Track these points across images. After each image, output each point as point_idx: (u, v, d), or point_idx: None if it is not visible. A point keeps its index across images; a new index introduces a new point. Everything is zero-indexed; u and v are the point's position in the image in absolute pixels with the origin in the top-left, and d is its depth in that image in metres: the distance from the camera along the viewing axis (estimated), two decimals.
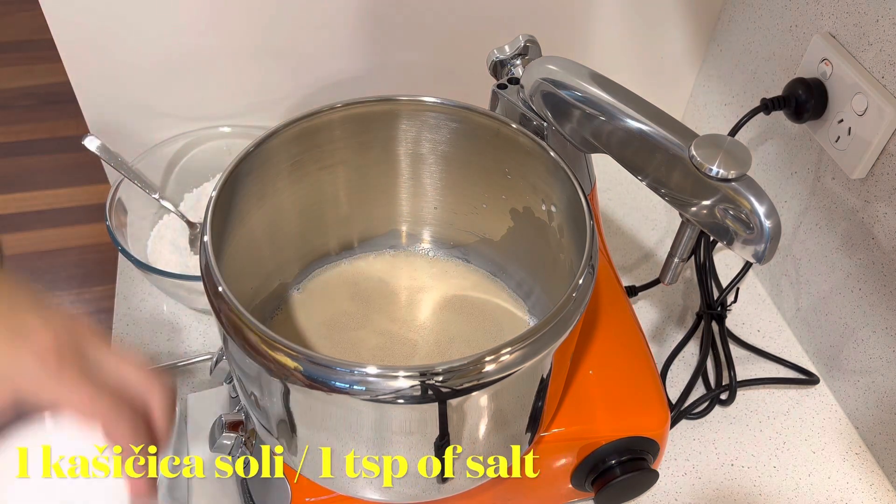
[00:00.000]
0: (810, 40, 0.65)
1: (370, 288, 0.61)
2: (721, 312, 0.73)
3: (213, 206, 0.47)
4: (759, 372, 0.72)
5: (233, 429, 0.54)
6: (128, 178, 0.72)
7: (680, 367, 0.72)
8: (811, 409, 0.70)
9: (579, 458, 0.55)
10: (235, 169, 0.49)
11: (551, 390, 0.49)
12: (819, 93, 0.64)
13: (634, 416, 0.56)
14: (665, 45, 0.85)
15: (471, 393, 0.41)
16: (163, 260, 0.72)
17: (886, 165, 0.60)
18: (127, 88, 0.75)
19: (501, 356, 0.41)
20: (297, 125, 0.53)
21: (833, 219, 0.67)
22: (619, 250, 0.82)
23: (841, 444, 0.67)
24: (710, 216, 0.43)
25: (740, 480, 0.64)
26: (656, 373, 0.59)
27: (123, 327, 0.71)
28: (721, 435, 0.67)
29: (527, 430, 0.49)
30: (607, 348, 0.58)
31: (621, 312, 0.61)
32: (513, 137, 0.52)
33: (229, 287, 0.42)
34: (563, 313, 0.43)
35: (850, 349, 0.67)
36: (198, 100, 0.78)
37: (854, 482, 0.64)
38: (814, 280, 0.71)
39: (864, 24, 0.60)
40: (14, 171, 1.84)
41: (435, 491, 0.48)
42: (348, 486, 0.48)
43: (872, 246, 0.62)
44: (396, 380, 0.39)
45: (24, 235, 1.72)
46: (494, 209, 0.59)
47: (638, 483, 0.57)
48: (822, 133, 0.65)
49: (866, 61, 0.60)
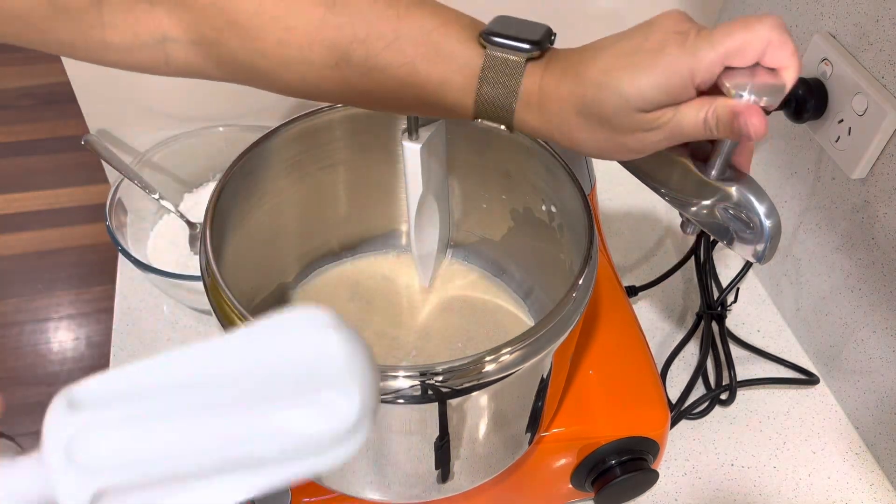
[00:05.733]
0: (810, 40, 0.65)
1: (370, 288, 0.61)
2: (721, 312, 0.73)
3: (213, 206, 0.47)
4: (759, 372, 0.72)
5: None
6: (128, 178, 0.72)
7: (680, 367, 0.72)
8: (811, 410, 0.70)
9: (579, 458, 0.55)
10: (235, 169, 0.49)
11: (551, 390, 0.49)
12: (819, 93, 0.64)
13: (634, 416, 0.56)
14: None
15: (471, 393, 0.41)
16: (163, 260, 0.72)
17: (886, 165, 0.60)
18: (127, 88, 0.75)
19: (501, 356, 0.41)
20: (297, 125, 0.53)
21: (833, 219, 0.67)
22: (619, 250, 0.82)
23: (841, 444, 0.67)
24: (710, 216, 0.43)
25: (740, 480, 0.64)
26: (656, 373, 0.59)
27: (123, 327, 0.71)
28: (721, 435, 0.67)
29: (527, 430, 0.49)
30: (607, 348, 0.58)
31: (621, 312, 0.61)
32: (513, 137, 0.52)
33: (229, 287, 0.42)
34: (563, 313, 0.43)
35: (850, 349, 0.67)
36: (198, 100, 0.78)
37: (854, 482, 0.64)
38: (814, 280, 0.71)
39: (864, 23, 0.60)
40: (14, 171, 1.84)
41: (435, 491, 0.48)
42: (348, 485, 0.48)
43: (872, 246, 0.62)
44: (396, 380, 0.39)
45: (24, 235, 1.72)
46: (494, 209, 0.59)
47: (638, 483, 0.57)
48: (823, 133, 0.65)
49: (866, 61, 0.60)
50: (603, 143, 0.39)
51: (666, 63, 0.36)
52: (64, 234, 1.72)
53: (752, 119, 0.35)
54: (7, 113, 1.97)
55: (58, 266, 1.66)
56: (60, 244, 1.70)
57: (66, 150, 1.86)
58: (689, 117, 0.37)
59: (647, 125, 0.38)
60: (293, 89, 0.43)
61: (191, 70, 0.43)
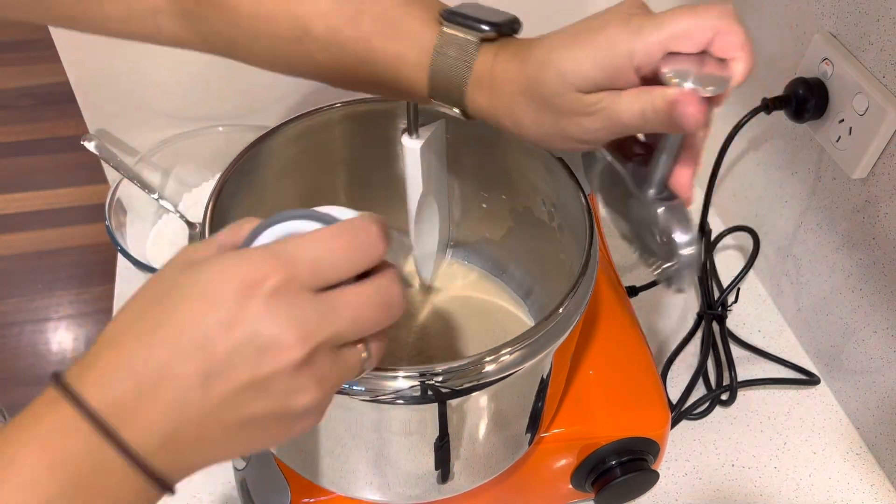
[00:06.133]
0: (811, 40, 0.65)
1: None
2: (722, 313, 0.73)
3: (212, 205, 0.47)
4: (759, 372, 0.72)
5: None
6: (127, 178, 0.72)
7: (680, 368, 0.72)
8: (812, 410, 0.69)
9: (579, 458, 0.55)
10: (235, 168, 0.49)
11: (551, 390, 0.49)
12: (820, 92, 0.64)
13: (635, 416, 0.55)
14: None
15: (471, 393, 0.40)
16: (162, 260, 0.72)
17: (887, 165, 0.59)
18: (127, 88, 0.75)
19: (501, 356, 0.40)
20: (297, 125, 0.53)
21: (834, 219, 0.67)
22: (620, 250, 0.82)
23: (842, 444, 0.67)
24: (638, 235, 0.43)
25: (741, 481, 0.64)
26: (656, 373, 0.58)
27: None
28: (721, 435, 0.67)
29: (527, 430, 0.49)
30: (607, 348, 0.58)
31: (621, 312, 0.61)
32: (513, 138, 0.52)
33: None
34: (563, 313, 0.43)
35: (850, 349, 0.67)
36: (198, 100, 0.78)
37: (855, 483, 0.64)
38: (814, 280, 0.71)
39: (864, 23, 0.60)
40: (14, 172, 1.84)
41: (435, 491, 0.48)
42: (348, 486, 0.48)
43: (873, 246, 0.62)
44: (396, 380, 0.39)
45: (23, 235, 1.71)
46: (494, 209, 0.59)
47: (638, 484, 0.57)
48: (823, 133, 0.65)
49: (867, 61, 0.60)
50: (546, 127, 0.39)
51: (605, 39, 0.36)
52: (63, 234, 1.71)
53: (688, 108, 0.34)
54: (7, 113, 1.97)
55: (57, 266, 1.65)
56: (60, 244, 1.70)
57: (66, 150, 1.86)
58: (627, 105, 0.36)
59: (586, 108, 0.37)
60: (267, 62, 0.44)
61: (179, 41, 0.45)
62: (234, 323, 0.28)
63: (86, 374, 0.29)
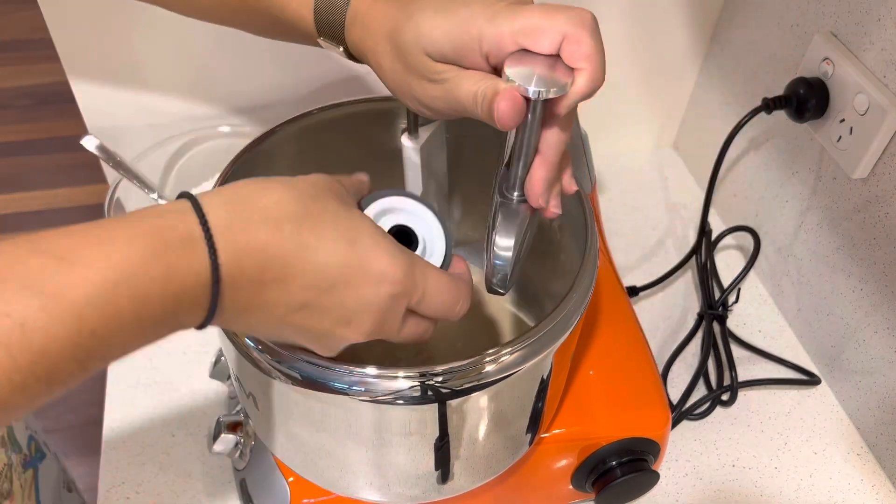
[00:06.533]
0: (812, 39, 0.65)
1: None
2: (722, 313, 0.73)
3: None
4: (760, 372, 0.72)
5: (232, 430, 0.54)
6: (126, 178, 0.72)
7: (681, 368, 0.72)
8: (813, 410, 0.69)
9: (580, 459, 0.55)
10: (235, 168, 0.49)
11: (551, 391, 0.48)
12: (820, 92, 0.63)
13: (635, 416, 0.55)
14: (665, 45, 0.85)
15: (471, 394, 0.40)
16: None
17: (888, 165, 0.59)
18: (126, 88, 0.75)
19: (501, 357, 0.40)
20: (297, 125, 0.53)
21: (834, 219, 0.67)
22: (619, 250, 0.82)
23: (842, 444, 0.67)
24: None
25: (741, 481, 0.64)
26: (657, 373, 0.58)
27: None
28: (722, 436, 0.67)
29: (527, 430, 0.49)
30: (607, 348, 0.58)
31: (621, 312, 0.61)
32: None
33: None
34: (563, 313, 0.43)
35: (851, 349, 0.67)
36: (198, 100, 0.78)
37: (856, 483, 0.64)
38: (815, 280, 0.70)
39: (865, 23, 0.60)
40: (13, 171, 1.84)
41: (435, 492, 0.48)
42: (347, 486, 0.48)
43: (874, 246, 0.62)
44: (396, 380, 0.39)
45: None
46: None
47: (638, 484, 0.56)
48: (824, 133, 0.65)
49: (868, 61, 0.60)
50: (398, 78, 0.40)
51: (462, 16, 0.36)
52: None
53: (501, 103, 0.35)
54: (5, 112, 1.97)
55: None
56: None
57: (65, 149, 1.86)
58: (466, 85, 0.37)
59: (431, 74, 0.38)
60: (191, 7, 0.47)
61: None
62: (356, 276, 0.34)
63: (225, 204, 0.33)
